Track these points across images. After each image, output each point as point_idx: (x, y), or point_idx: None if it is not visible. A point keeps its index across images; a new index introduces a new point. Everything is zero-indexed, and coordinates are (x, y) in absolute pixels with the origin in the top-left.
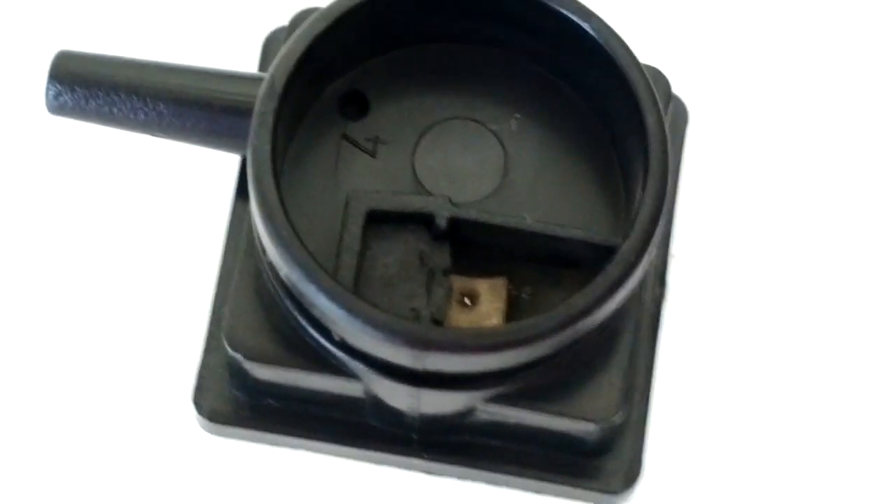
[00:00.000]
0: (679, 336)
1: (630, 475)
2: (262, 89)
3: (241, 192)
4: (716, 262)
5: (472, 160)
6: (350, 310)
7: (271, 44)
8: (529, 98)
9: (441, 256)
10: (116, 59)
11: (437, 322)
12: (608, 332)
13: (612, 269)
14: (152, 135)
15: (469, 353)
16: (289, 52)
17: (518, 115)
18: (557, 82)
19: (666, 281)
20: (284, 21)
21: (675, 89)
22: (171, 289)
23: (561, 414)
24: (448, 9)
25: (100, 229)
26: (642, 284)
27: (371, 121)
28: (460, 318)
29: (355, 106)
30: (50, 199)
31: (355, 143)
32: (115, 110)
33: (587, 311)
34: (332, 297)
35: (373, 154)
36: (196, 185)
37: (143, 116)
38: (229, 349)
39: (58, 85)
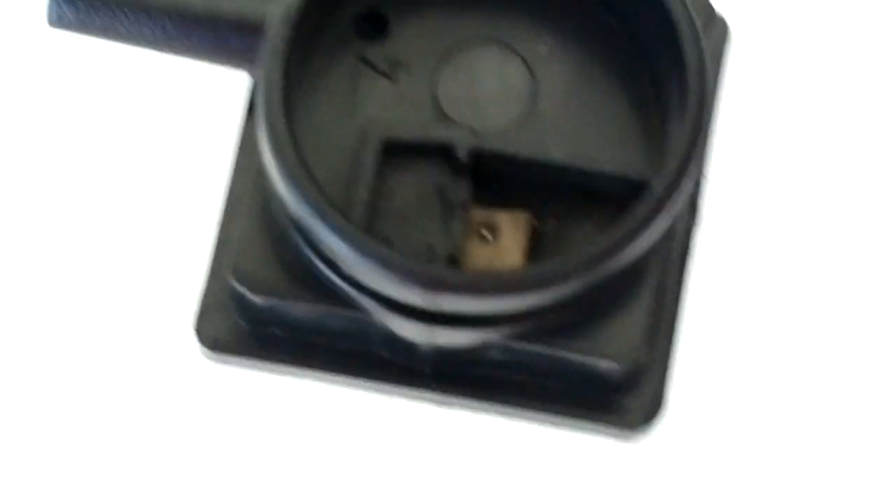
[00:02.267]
0: (710, 266)
1: (651, 412)
2: (275, 17)
3: (251, 111)
4: (751, 188)
5: (498, 86)
6: (362, 251)
7: None
8: (560, 19)
9: (461, 190)
10: None
11: (454, 259)
12: (635, 268)
13: (641, 209)
14: (158, 50)
15: (485, 297)
16: None
17: (547, 38)
18: (590, 3)
19: (698, 207)
20: None
21: (718, 6)
22: (175, 210)
23: (582, 352)
24: None
25: (103, 145)
26: None
27: (390, 42)
28: (479, 253)
29: (374, 26)
30: (52, 114)
31: (373, 67)
32: (118, 25)
33: (611, 254)
34: (343, 237)
35: (392, 78)
36: (204, 101)
37: (148, 31)
38: (235, 282)
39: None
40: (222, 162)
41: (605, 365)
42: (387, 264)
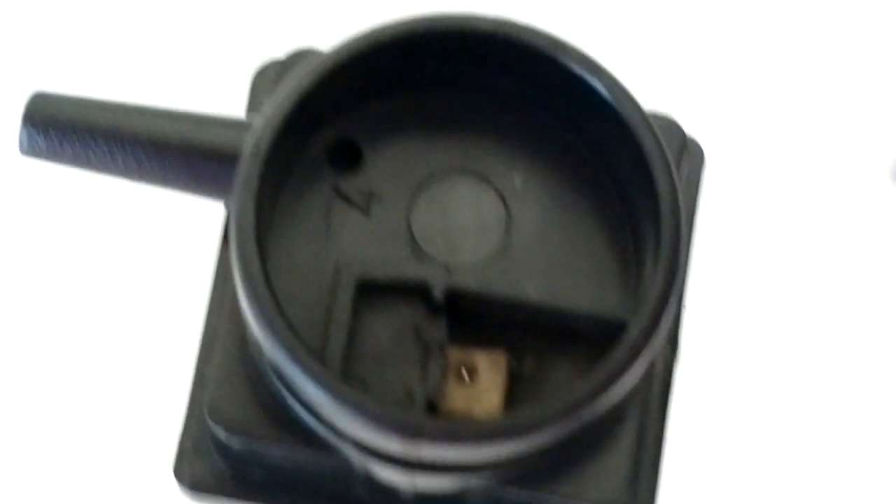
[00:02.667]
0: (691, 399)
1: None
2: (245, 150)
3: (226, 241)
4: (732, 314)
5: (472, 218)
6: (338, 398)
7: (261, 78)
8: (535, 152)
9: (437, 330)
10: (94, 101)
11: (433, 404)
12: (615, 410)
13: (618, 353)
14: (132, 181)
15: (464, 446)
16: (275, 109)
17: (522, 170)
18: (566, 136)
19: (678, 342)
20: (276, 54)
21: (692, 130)
22: (153, 344)
23: (564, 496)
24: (449, 57)
25: (77, 276)
26: None
27: (364, 173)
28: (458, 394)
29: (347, 157)
30: (26, 244)
31: (347, 199)
32: (91, 155)
33: (592, 399)
34: (320, 383)
35: (366, 211)
36: (180, 230)
37: (121, 163)
38: (211, 423)
39: (32, 128)
40: (200, 293)
41: None
42: (363, 412)
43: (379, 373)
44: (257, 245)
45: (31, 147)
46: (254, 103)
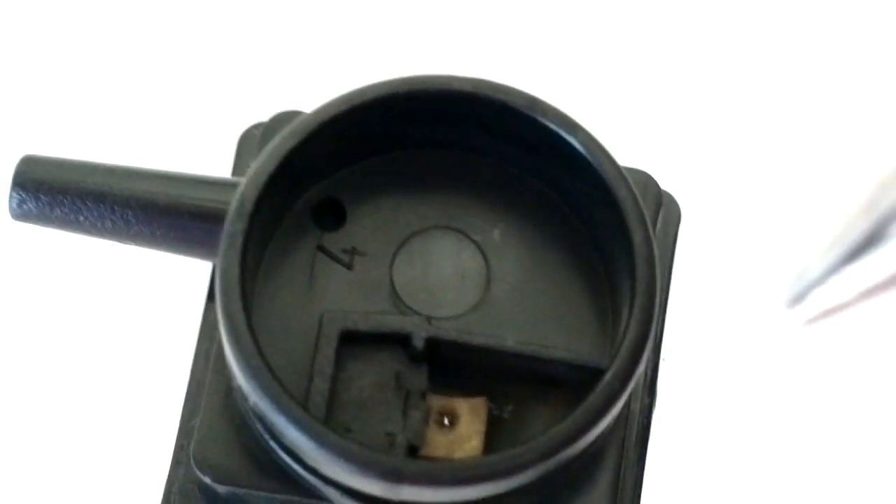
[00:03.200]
0: (668, 443)
1: None
2: (231, 208)
3: (213, 296)
4: (708, 363)
5: (453, 272)
6: (321, 442)
7: (246, 141)
8: (514, 207)
9: (418, 378)
10: (83, 164)
11: (414, 448)
12: (592, 451)
13: (596, 398)
14: (122, 243)
15: (445, 487)
16: (259, 168)
17: (501, 225)
18: (543, 191)
19: (655, 389)
20: (261, 117)
21: (667, 186)
22: (139, 397)
23: None
24: (428, 117)
25: (70, 334)
26: (631, 395)
27: (348, 230)
28: (438, 440)
29: (331, 215)
30: (19, 305)
31: (331, 255)
32: (81, 218)
33: (569, 442)
34: (302, 428)
35: (349, 266)
36: (166, 287)
37: (110, 224)
38: (197, 470)
39: (21, 192)
40: (187, 344)
41: None
42: (346, 456)
43: (361, 419)
44: (242, 299)
45: (20, 211)
46: (239, 165)
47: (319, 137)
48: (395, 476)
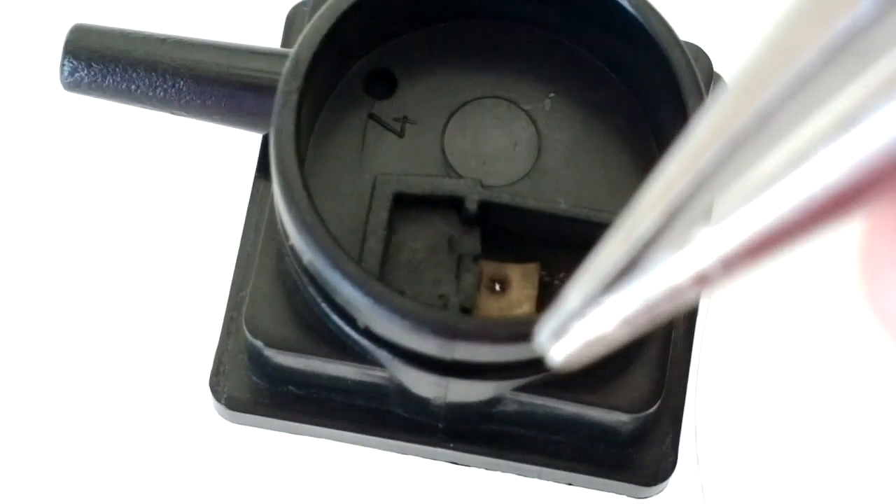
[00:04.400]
0: (717, 318)
1: (664, 467)
2: (286, 68)
3: (262, 170)
4: None
5: (504, 141)
6: (376, 298)
7: (294, 19)
8: (564, 76)
9: (471, 241)
10: (134, 33)
11: (466, 310)
12: None
13: None
14: (171, 113)
15: (499, 343)
16: (313, 29)
17: (552, 94)
18: (594, 60)
19: None
20: None
21: (718, 68)
22: (188, 269)
23: (593, 404)
24: None
25: (115, 209)
26: None
27: (399, 99)
28: (490, 305)
29: (382, 84)
30: (66, 178)
31: (382, 123)
32: (132, 87)
33: None
34: (358, 284)
35: (400, 134)
36: (214, 163)
37: (161, 94)
38: (249, 336)
39: (73, 61)
40: (235, 219)
41: (614, 418)
42: (402, 312)
43: (414, 281)
44: (296, 157)
45: (72, 80)
46: (288, 41)
47: (371, 2)
48: (450, 332)
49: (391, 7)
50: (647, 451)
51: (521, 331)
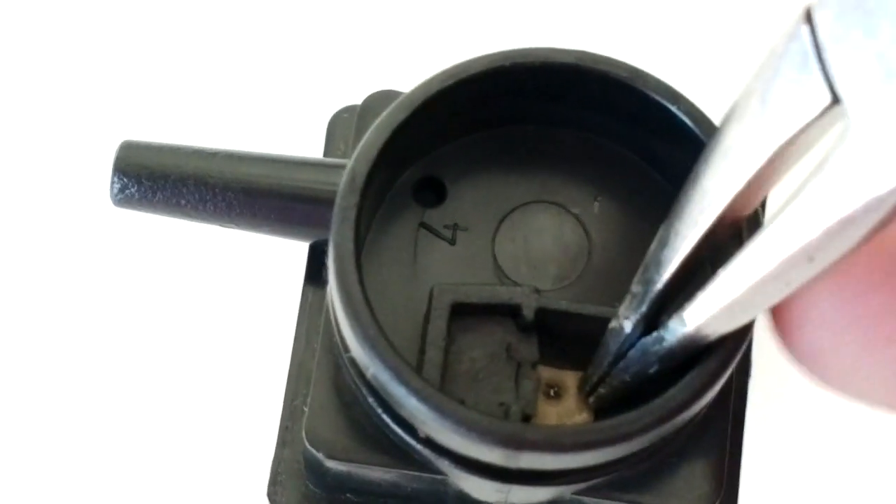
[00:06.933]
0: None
1: None
2: (343, 182)
3: (311, 278)
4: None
5: (554, 245)
6: (441, 410)
7: (336, 126)
8: (612, 180)
9: (529, 348)
10: (182, 148)
11: (527, 417)
12: (701, 418)
13: (710, 362)
14: (221, 225)
15: (565, 452)
16: (368, 143)
17: (600, 198)
18: (640, 163)
19: (750, 360)
20: (348, 101)
21: None
22: (241, 381)
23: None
24: (527, 93)
25: (166, 319)
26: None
27: (448, 207)
28: (548, 411)
29: (432, 192)
30: (119, 292)
31: (434, 231)
32: (182, 202)
33: (685, 406)
34: (423, 399)
35: (452, 241)
36: (262, 273)
37: (212, 207)
38: (309, 447)
39: (123, 178)
40: (286, 327)
41: None
42: (467, 424)
43: (474, 390)
44: (357, 272)
45: (123, 197)
46: (330, 148)
47: (424, 113)
48: (516, 443)
49: (441, 117)
50: None
51: (588, 439)
